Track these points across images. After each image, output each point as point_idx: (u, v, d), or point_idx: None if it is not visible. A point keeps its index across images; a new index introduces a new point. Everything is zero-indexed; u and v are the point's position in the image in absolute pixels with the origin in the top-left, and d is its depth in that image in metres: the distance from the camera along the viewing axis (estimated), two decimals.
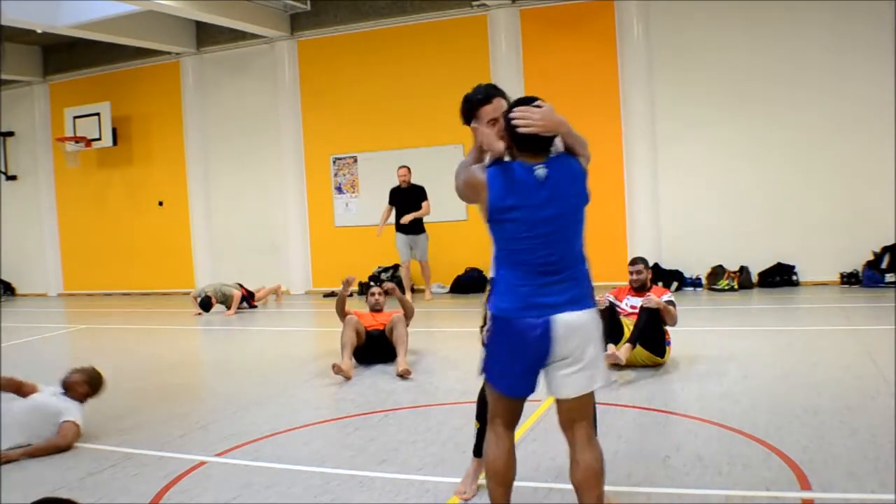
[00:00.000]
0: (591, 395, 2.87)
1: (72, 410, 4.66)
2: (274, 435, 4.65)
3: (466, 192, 2.90)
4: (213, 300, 10.92)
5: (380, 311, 6.79)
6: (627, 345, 5.62)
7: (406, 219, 10.87)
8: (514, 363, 2.81)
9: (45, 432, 4.56)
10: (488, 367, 2.90)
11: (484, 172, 2.82)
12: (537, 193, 2.76)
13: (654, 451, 3.97)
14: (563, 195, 2.78)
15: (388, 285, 6.96)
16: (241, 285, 11.34)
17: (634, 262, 6.23)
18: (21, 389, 4.79)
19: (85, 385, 4.84)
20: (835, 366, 5.68)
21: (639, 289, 6.13)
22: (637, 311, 5.96)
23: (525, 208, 2.76)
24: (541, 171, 2.76)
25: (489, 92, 3.03)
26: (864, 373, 5.40)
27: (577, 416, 2.85)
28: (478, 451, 3.57)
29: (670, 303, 5.95)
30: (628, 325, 5.91)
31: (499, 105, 3.01)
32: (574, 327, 2.75)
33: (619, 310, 6.11)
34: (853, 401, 4.71)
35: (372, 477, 3.82)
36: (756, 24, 10.47)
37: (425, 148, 12.06)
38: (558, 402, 2.87)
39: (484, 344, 3.14)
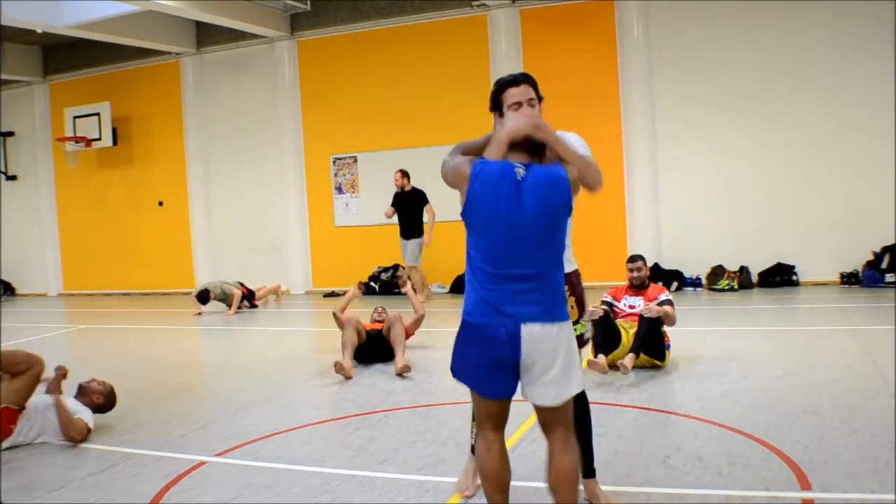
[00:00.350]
0: (567, 402, 2.84)
1: (85, 413, 4.76)
2: (274, 435, 4.65)
3: (452, 179, 2.91)
4: (212, 294, 10.92)
5: (383, 321, 6.81)
6: (631, 354, 5.51)
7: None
8: (479, 363, 2.79)
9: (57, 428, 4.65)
10: (456, 366, 2.90)
11: (470, 166, 2.82)
12: (513, 192, 2.74)
13: (654, 451, 3.96)
14: (539, 198, 2.74)
15: (405, 285, 6.93)
16: (241, 284, 11.34)
17: (633, 259, 6.17)
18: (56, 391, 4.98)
19: (101, 396, 4.95)
20: (835, 366, 5.68)
21: (638, 286, 6.08)
22: (635, 310, 5.94)
23: (499, 205, 2.74)
24: (520, 170, 2.76)
25: (519, 77, 3.06)
26: (864, 373, 5.40)
27: (553, 421, 2.85)
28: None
29: (668, 302, 5.90)
30: (626, 328, 5.87)
31: (526, 91, 3.02)
32: (540, 338, 2.72)
33: (616, 310, 6.08)
34: (853, 401, 4.71)
35: (372, 477, 3.82)
36: (756, 24, 10.47)
37: (425, 148, 12.05)
38: (535, 407, 2.87)
39: None
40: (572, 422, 2.91)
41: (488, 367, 2.77)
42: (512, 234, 2.74)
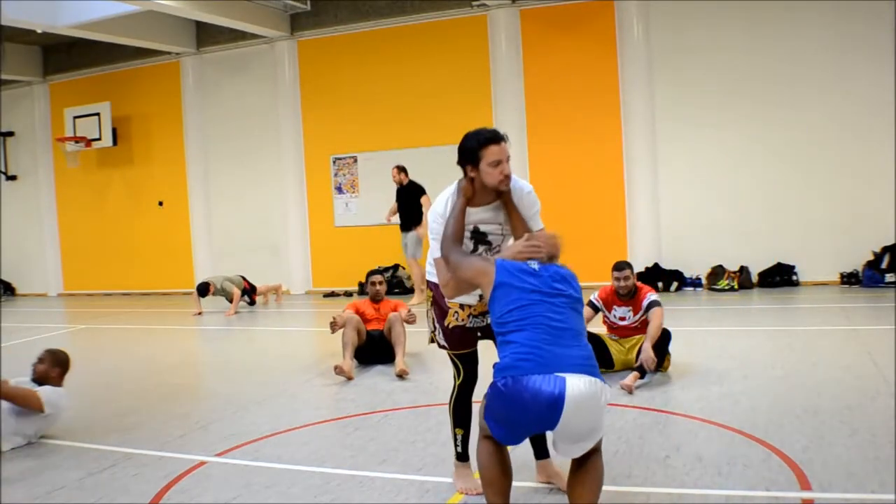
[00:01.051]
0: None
1: (45, 389, 4.67)
2: (274, 435, 4.65)
3: (472, 279, 3.09)
4: (212, 288, 10.93)
5: (381, 301, 6.77)
6: (634, 374, 5.35)
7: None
8: (510, 424, 2.84)
9: (32, 422, 4.60)
10: (487, 415, 2.93)
11: (494, 269, 2.99)
12: (536, 275, 2.95)
13: (654, 451, 3.96)
14: (560, 281, 2.96)
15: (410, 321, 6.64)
16: (244, 278, 11.39)
17: (620, 267, 5.77)
18: None
19: (54, 369, 4.85)
20: (835, 366, 5.68)
21: (625, 296, 5.79)
22: (625, 322, 5.81)
23: (527, 282, 2.93)
24: (533, 264, 3.00)
25: (499, 134, 3.19)
26: (864, 373, 5.40)
27: (589, 451, 2.90)
28: (463, 456, 3.59)
29: (654, 304, 5.64)
30: (621, 343, 5.78)
31: (505, 149, 3.18)
32: (584, 401, 2.72)
33: (608, 321, 5.91)
34: (853, 401, 4.71)
35: (372, 477, 3.82)
36: (756, 24, 10.47)
37: (425, 148, 12.06)
38: None
39: (435, 342, 3.50)
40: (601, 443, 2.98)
41: (519, 427, 2.84)
42: (547, 306, 2.87)
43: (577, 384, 2.69)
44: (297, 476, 3.89)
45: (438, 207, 3.36)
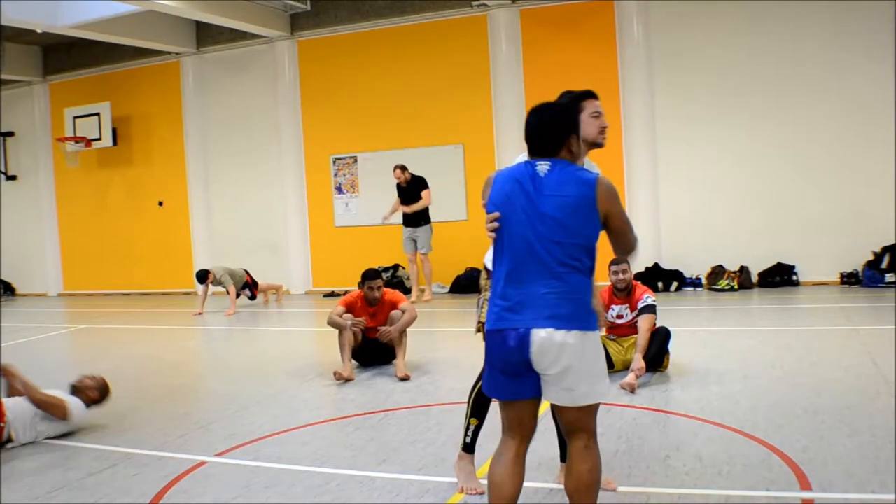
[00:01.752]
0: (590, 409, 2.74)
1: (74, 400, 4.82)
2: (274, 435, 4.65)
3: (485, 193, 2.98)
4: (211, 276, 10.96)
5: (376, 304, 6.66)
6: (633, 373, 5.34)
7: (405, 208, 10.78)
8: (495, 368, 2.76)
9: (53, 426, 4.70)
10: (483, 378, 2.91)
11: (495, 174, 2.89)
12: (533, 187, 2.69)
13: (654, 451, 3.96)
14: (560, 194, 2.66)
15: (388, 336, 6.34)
16: (247, 272, 11.43)
17: (618, 261, 5.70)
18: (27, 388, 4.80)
19: (95, 391, 5.01)
20: (835, 366, 5.68)
21: (622, 290, 5.81)
22: (622, 321, 5.81)
23: (517, 200, 2.69)
24: (543, 166, 2.71)
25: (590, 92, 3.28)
26: (864, 373, 5.40)
27: (575, 427, 2.76)
28: (470, 448, 3.57)
29: (648, 309, 5.64)
30: (619, 342, 5.77)
31: (598, 104, 3.29)
32: (550, 346, 2.62)
33: (606, 321, 5.84)
34: (853, 401, 4.71)
35: (372, 477, 3.82)
36: (756, 24, 10.47)
37: (425, 148, 12.06)
38: (559, 409, 2.78)
39: (482, 333, 3.22)
40: (595, 428, 2.81)
41: (503, 369, 2.72)
42: (530, 232, 2.66)
43: (542, 333, 2.62)
44: (297, 476, 3.89)
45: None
